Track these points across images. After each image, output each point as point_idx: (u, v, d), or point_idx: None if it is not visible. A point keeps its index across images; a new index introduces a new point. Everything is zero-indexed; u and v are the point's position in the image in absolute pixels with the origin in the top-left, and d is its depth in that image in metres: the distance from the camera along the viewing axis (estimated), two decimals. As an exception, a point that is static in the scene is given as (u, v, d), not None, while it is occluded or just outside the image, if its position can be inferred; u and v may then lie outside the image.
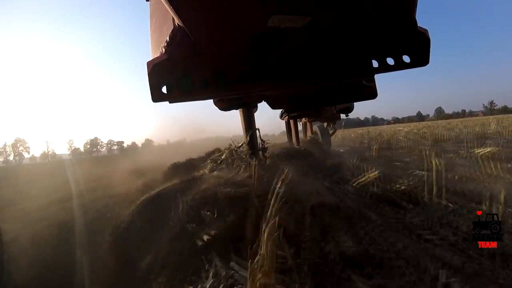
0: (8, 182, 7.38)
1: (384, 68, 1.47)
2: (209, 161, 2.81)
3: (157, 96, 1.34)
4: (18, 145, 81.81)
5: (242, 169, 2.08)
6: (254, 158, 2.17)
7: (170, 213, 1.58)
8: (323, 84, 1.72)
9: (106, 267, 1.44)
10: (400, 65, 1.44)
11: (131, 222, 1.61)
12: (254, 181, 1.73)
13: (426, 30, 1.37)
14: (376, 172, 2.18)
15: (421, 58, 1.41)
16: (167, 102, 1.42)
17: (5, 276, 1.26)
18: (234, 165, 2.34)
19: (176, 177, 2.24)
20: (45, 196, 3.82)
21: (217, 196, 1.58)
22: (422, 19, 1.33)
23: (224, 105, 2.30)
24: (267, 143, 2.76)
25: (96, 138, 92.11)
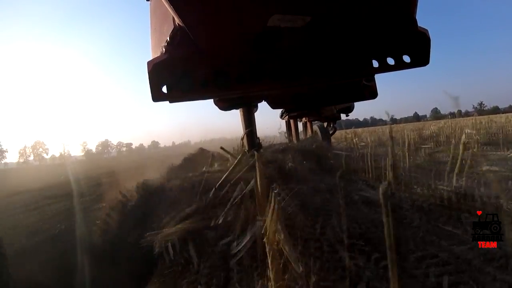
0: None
1: (384, 68, 1.48)
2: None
3: (157, 96, 1.33)
4: (38, 147, 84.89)
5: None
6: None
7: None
8: (323, 84, 1.71)
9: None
10: (400, 65, 1.44)
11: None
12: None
13: (427, 30, 1.38)
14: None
15: (421, 58, 1.41)
16: (168, 102, 1.42)
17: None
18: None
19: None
20: None
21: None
22: (422, 19, 1.34)
23: (224, 104, 2.29)
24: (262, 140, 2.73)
25: (106, 140, 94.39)
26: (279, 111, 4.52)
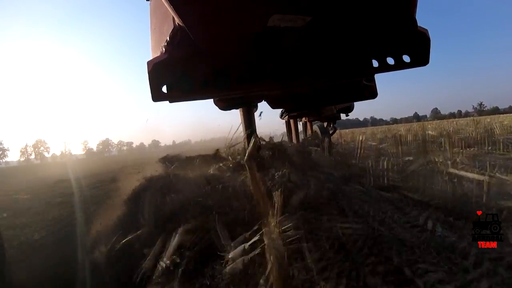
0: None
1: (384, 67, 1.48)
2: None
3: (157, 96, 1.33)
4: (39, 145, 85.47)
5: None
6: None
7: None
8: (323, 84, 1.71)
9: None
10: (400, 65, 1.44)
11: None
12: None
13: (426, 30, 1.37)
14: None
15: (421, 58, 1.41)
16: (168, 102, 1.42)
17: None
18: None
19: None
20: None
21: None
22: (422, 19, 1.34)
23: (224, 104, 2.29)
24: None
25: (107, 139, 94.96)
26: (278, 111, 4.52)
